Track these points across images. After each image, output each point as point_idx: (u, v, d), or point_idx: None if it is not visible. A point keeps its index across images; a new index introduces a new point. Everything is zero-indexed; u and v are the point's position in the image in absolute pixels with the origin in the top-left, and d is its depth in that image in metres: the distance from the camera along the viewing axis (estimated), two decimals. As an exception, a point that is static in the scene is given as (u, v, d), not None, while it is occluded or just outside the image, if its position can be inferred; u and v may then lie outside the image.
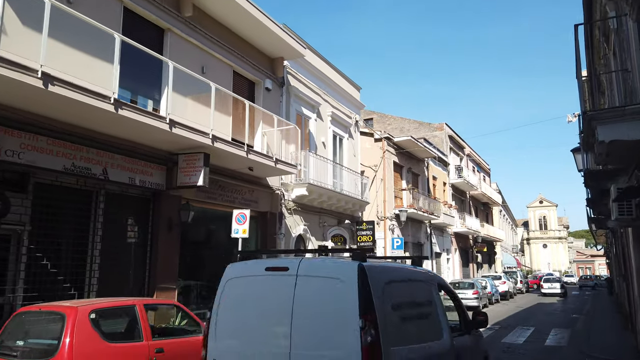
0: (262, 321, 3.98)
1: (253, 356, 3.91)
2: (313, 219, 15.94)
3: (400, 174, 25.15)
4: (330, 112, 17.50)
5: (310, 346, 3.70)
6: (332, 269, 4.03)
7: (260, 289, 4.13)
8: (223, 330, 4.16)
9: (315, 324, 3.75)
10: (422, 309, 4.71)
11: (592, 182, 8.31)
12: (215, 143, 9.80)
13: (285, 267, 4.11)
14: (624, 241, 11.26)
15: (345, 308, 3.65)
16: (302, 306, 3.82)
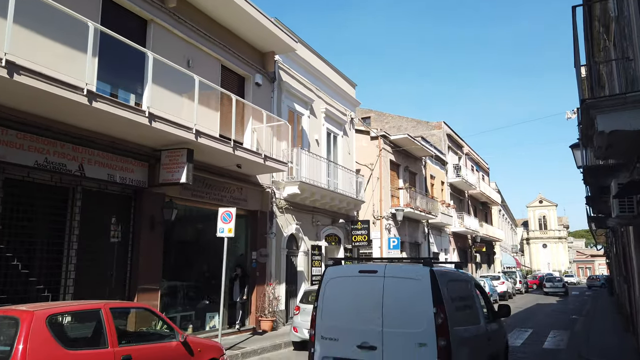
0: (358, 308, 5.40)
1: (352, 332, 5.33)
2: (306, 218, 15.56)
3: (397, 172, 24.75)
4: (324, 108, 17.11)
5: (396, 326, 5.15)
6: (410, 272, 5.44)
7: (355, 286, 5.59)
8: (327, 315, 5.62)
9: (400, 310, 5.19)
10: (467, 301, 6.09)
11: (592, 178, 7.93)
12: (200, 138, 9.41)
13: (375, 270, 5.55)
14: (625, 240, 10.87)
15: (422, 299, 5.09)
16: (390, 298, 5.25)
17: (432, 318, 4.98)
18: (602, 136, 4.94)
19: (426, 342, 4.95)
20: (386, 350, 5.10)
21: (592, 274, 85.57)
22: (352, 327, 5.38)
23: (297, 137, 15.56)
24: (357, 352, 5.22)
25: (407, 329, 5.11)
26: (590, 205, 11.15)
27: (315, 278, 15.67)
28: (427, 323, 4.99)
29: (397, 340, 5.11)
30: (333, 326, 5.52)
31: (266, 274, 13.19)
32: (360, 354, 5.20)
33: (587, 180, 8.21)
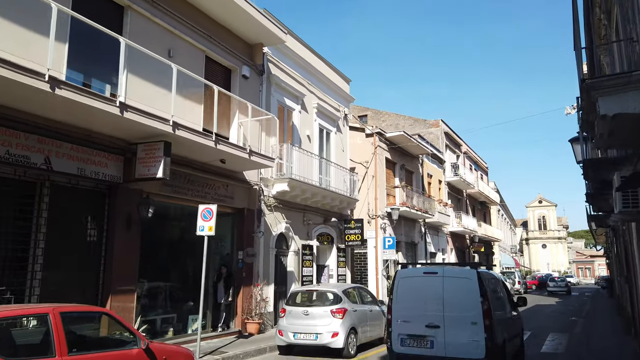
0: (424, 299, 7.49)
1: (420, 316, 7.38)
2: (296, 216, 15.05)
3: (393, 171, 24.24)
4: (316, 104, 16.60)
5: (454, 311, 7.23)
6: (462, 273, 7.65)
7: (421, 283, 7.69)
8: (400, 304, 7.72)
9: (456, 300, 7.26)
10: (497, 294, 8.33)
11: (593, 172, 7.42)
12: (178, 131, 8.91)
13: (436, 272, 7.74)
14: (627, 239, 10.36)
15: (472, 292, 7.18)
16: (448, 291, 7.35)
17: (480, 305, 7.14)
18: (604, 121, 4.44)
19: (477, 322, 7.11)
20: (447, 328, 7.29)
21: (592, 274, 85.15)
22: (420, 312, 7.49)
23: (287, 133, 15.06)
24: (425, 330, 7.38)
25: (462, 313, 7.26)
26: (591, 202, 10.64)
27: (306, 279, 15.17)
28: (477, 309, 7.14)
29: (454, 321, 7.26)
30: (405, 312, 7.65)
31: (253, 274, 12.68)
32: (428, 331, 7.37)
33: (587, 174, 7.70)
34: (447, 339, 7.21)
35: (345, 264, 17.97)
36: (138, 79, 9.34)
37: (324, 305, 9.89)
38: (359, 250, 22.10)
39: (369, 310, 10.87)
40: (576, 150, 10.09)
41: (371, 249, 21.54)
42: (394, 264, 23.69)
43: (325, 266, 17.25)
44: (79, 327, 5.33)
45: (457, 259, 32.96)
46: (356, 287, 11.40)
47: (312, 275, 15.56)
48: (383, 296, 21.17)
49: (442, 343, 7.22)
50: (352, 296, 10.64)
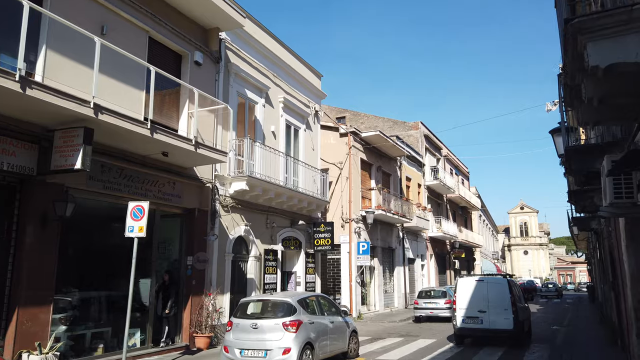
0: (476, 295, 12.24)
1: (474, 305, 12.11)
2: (258, 218, 13.82)
3: (369, 172, 23.19)
4: (282, 98, 15.46)
5: (494, 307, 12.00)
6: (498, 279, 12.70)
7: (474, 286, 12.43)
8: (461, 299, 12.46)
9: (495, 296, 12.12)
10: (518, 292, 13.17)
11: (577, 162, 6.40)
12: (102, 115, 7.64)
13: (483, 279, 12.65)
14: (612, 242, 9.38)
15: (504, 291, 12.09)
16: (490, 291, 12.22)
17: (509, 298, 11.85)
18: (594, 79, 3.36)
19: (507, 308, 11.75)
20: (490, 312, 11.94)
21: (573, 280, 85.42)
22: (473, 304, 12.14)
23: (249, 128, 13.86)
24: (477, 313, 12.03)
25: (499, 303, 11.89)
26: (574, 201, 9.66)
27: (269, 286, 13.92)
28: (507, 300, 11.84)
29: (495, 308, 11.92)
30: (464, 303, 12.31)
31: (205, 282, 11.39)
32: (479, 314, 12.01)
33: (570, 167, 6.67)
34: (491, 318, 12.01)
35: (314, 271, 16.77)
36: (62, 57, 8.08)
37: (275, 317, 8.66)
38: (332, 256, 20.95)
39: (330, 322, 9.67)
40: (557, 142, 9.10)
41: (345, 254, 20.40)
42: (370, 271, 22.62)
43: (292, 273, 16.02)
44: None
45: (436, 265, 32.03)
46: (317, 296, 10.20)
47: (276, 283, 14.32)
48: (358, 304, 20.02)
49: (487, 321, 12.04)
50: (311, 306, 9.44)
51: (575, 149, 6.28)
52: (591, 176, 6.87)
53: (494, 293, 12.13)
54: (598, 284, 21.35)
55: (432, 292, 20.36)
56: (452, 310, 13.62)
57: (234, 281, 12.69)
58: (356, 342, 10.69)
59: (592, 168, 6.23)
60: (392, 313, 22.36)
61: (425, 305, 19.50)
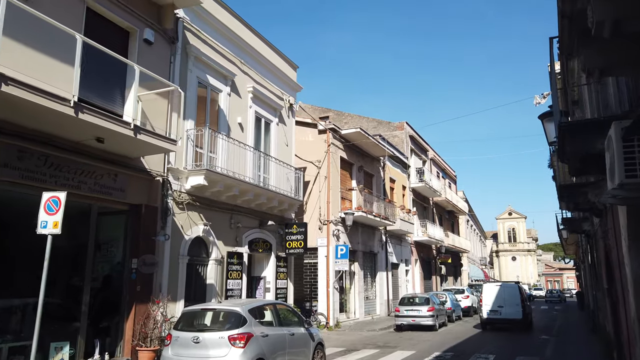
0: (497, 296, 18.59)
1: (495, 303, 18.44)
2: (221, 217, 12.53)
3: (349, 172, 22.01)
4: (251, 87, 14.23)
5: (508, 303, 18.32)
6: (512, 285, 19.60)
7: (496, 290, 18.97)
8: (486, 298, 18.91)
9: (509, 298, 18.40)
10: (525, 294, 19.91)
11: (572, 143, 5.26)
12: (8, 87, 6.34)
13: (501, 285, 19.55)
14: (609, 243, 8.26)
15: (516, 293, 18.53)
16: (506, 292, 18.63)
17: (519, 297, 18.27)
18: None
19: (518, 304, 18.09)
20: (506, 307, 18.14)
21: (560, 287, 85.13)
22: (494, 302, 18.29)
23: (211, 118, 12.60)
24: (497, 308, 18.24)
25: (512, 301, 18.15)
26: (565, 197, 8.56)
27: (232, 293, 12.61)
28: (518, 299, 18.21)
29: (509, 304, 18.14)
30: (488, 302, 18.50)
31: (153, 288, 10.06)
32: (498, 308, 18.21)
33: (563, 148, 5.51)
34: (506, 311, 17.89)
35: (286, 276, 15.49)
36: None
37: (220, 330, 7.39)
38: (309, 261, 19.69)
39: (290, 334, 8.41)
40: (548, 128, 8.00)
41: (322, 258, 19.15)
42: (350, 276, 21.39)
43: (261, 278, 14.73)
44: None
45: (422, 270, 30.90)
46: (274, 303, 8.93)
47: (241, 289, 13.01)
48: (335, 311, 18.76)
49: (504, 313, 17.91)
50: (266, 316, 8.19)
51: (570, 126, 5.14)
52: (588, 161, 5.72)
53: (508, 294, 18.57)
54: (589, 290, 20.32)
55: (415, 298, 19.19)
56: (479, 306, 20.16)
57: (190, 287, 11.37)
58: (322, 356, 9.45)
59: (591, 149, 5.08)
60: (373, 321, 21.13)
61: (407, 313, 18.32)
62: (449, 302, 22.35)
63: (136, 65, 8.82)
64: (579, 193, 8.43)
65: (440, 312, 19.26)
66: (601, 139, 4.97)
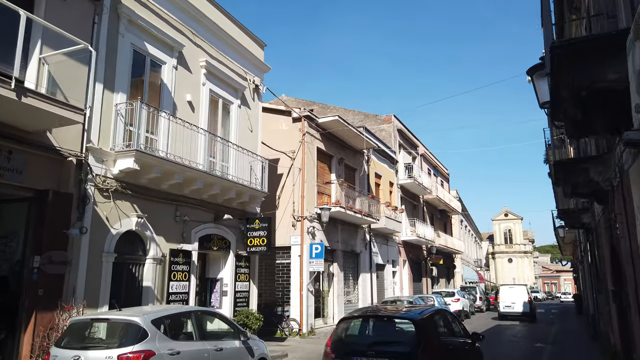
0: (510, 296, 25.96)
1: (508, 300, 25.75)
2: (162, 209, 10.77)
3: (328, 165, 20.27)
4: (204, 61, 12.49)
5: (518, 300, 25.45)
6: (521, 286, 26.93)
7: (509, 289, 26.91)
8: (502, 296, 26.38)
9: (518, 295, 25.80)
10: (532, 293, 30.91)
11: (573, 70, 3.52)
12: None
13: (513, 286, 27.34)
14: (618, 233, 6.52)
15: (524, 293, 25.90)
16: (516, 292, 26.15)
17: (527, 295, 25.54)
18: None
19: (525, 301, 25.10)
20: (517, 303, 25.16)
21: (557, 289, 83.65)
22: (508, 299, 25.56)
23: (150, 93, 10.85)
24: (511, 304, 25.37)
25: (522, 298, 25.28)
26: (563, 178, 6.82)
27: (176, 297, 10.84)
28: (526, 297, 25.34)
29: (519, 301, 25.16)
30: (503, 299, 25.87)
31: (64, 292, 8.28)
32: (511, 304, 25.30)
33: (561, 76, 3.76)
34: (517, 306, 24.85)
35: (248, 277, 13.71)
36: None
37: (110, 347, 5.63)
38: (281, 261, 17.93)
39: (216, 350, 6.65)
40: (539, 87, 6.26)
41: (295, 258, 17.39)
42: (329, 278, 19.64)
43: (217, 280, 12.95)
44: None
45: (411, 272, 29.15)
46: (198, 311, 7.13)
47: (188, 292, 11.23)
48: (310, 317, 16.98)
49: (516, 307, 24.83)
50: (179, 328, 6.44)
51: (570, 46, 3.40)
52: (593, 109, 4.01)
53: (518, 293, 25.51)
54: (588, 293, 18.59)
55: (397, 302, 17.42)
56: (496, 303, 26.89)
57: (119, 291, 9.58)
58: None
59: (600, 79, 3.35)
60: (354, 327, 19.34)
61: (388, 319, 16.54)
62: (437, 305, 20.60)
63: (35, 17, 7.04)
64: (579, 171, 6.72)
65: (426, 317, 17.47)
66: (614, 65, 3.26)
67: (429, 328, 6.59)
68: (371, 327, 6.98)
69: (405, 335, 6.51)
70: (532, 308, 25.08)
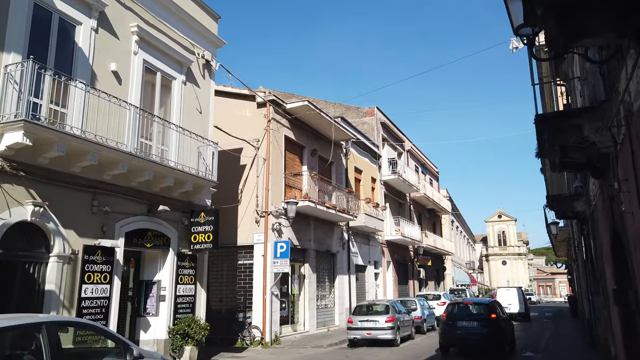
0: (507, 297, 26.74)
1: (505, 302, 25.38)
2: (72, 197, 8.96)
3: (299, 156, 18.52)
4: (135, 27, 10.72)
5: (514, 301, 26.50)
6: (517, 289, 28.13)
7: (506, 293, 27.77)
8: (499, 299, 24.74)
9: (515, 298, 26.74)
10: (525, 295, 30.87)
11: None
12: None
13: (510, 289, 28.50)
14: (624, 209, 4.78)
15: (520, 295, 27.03)
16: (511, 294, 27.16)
17: (523, 298, 26.65)
18: None
19: (521, 302, 26.32)
20: (513, 304, 25.89)
21: (552, 292, 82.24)
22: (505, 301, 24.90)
23: (59, 56, 9.05)
24: (507, 305, 24.23)
25: (517, 299, 26.36)
26: (548, 137, 5.09)
27: (91, 302, 9.02)
28: (521, 298, 26.52)
29: (515, 301, 26.19)
30: (501, 300, 23.32)
31: None
32: (508, 305, 24.55)
33: None
34: (513, 307, 25.49)
35: (193, 279, 11.88)
36: None
37: None
38: (243, 261, 16.13)
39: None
40: (513, 9, 4.54)
41: (258, 258, 15.60)
42: (299, 280, 17.84)
43: (154, 283, 11.13)
44: None
45: (396, 274, 27.38)
46: (48, 323, 5.11)
47: (110, 298, 9.41)
48: (274, 324, 15.15)
49: (512, 308, 25.27)
50: (24, 347, 4.62)
51: None
52: None
53: (515, 295, 26.65)
54: (584, 294, 16.87)
55: (373, 307, 15.65)
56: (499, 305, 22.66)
57: (10, 296, 7.76)
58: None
59: None
60: (329, 334, 17.55)
61: (361, 325, 14.79)
62: (419, 310, 18.85)
63: None
64: (569, 129, 5.02)
65: (404, 322, 15.71)
66: None
67: (493, 307, 13.18)
68: (463, 308, 13.52)
69: (483, 310, 12.99)
70: (527, 308, 27.12)
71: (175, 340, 10.63)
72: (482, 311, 12.88)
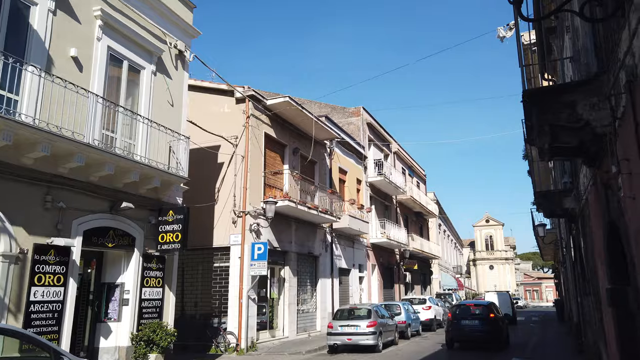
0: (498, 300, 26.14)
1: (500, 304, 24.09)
2: (21, 191, 8.20)
3: (280, 155, 17.87)
4: (99, 10, 10.00)
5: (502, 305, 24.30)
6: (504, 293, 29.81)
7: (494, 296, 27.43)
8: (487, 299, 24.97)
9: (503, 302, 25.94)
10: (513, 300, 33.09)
11: None
12: None
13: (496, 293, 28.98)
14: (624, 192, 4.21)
15: (507, 299, 27.86)
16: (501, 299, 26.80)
17: (510, 302, 27.43)
18: None
19: (508, 306, 26.59)
20: (502, 307, 21.34)
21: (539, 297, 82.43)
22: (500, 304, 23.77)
23: (10, 38, 8.31)
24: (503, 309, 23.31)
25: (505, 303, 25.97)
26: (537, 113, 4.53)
27: (42, 306, 8.24)
28: (509, 302, 27.14)
29: (502, 305, 24.10)
30: None
31: None
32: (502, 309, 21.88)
33: None
34: (504, 310, 21.80)
35: (161, 282, 11.12)
36: None
37: None
38: (220, 264, 15.38)
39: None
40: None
41: (235, 260, 14.87)
42: (279, 283, 17.13)
43: (117, 286, 10.34)
44: None
45: (381, 277, 26.78)
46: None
47: (64, 301, 8.64)
48: (251, 329, 14.40)
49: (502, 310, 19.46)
50: None
51: None
52: None
53: (502, 299, 26.71)
54: (572, 297, 16.41)
55: (354, 311, 15.01)
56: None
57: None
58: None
59: None
60: (309, 339, 16.85)
61: (341, 330, 14.12)
62: (403, 314, 18.25)
63: None
64: (560, 106, 4.46)
65: (387, 327, 15.08)
66: None
67: (491, 308, 15.40)
68: (466, 308, 15.65)
69: (483, 310, 15.16)
70: (514, 312, 27.99)
71: (138, 348, 9.86)
72: (482, 312, 15.11)
